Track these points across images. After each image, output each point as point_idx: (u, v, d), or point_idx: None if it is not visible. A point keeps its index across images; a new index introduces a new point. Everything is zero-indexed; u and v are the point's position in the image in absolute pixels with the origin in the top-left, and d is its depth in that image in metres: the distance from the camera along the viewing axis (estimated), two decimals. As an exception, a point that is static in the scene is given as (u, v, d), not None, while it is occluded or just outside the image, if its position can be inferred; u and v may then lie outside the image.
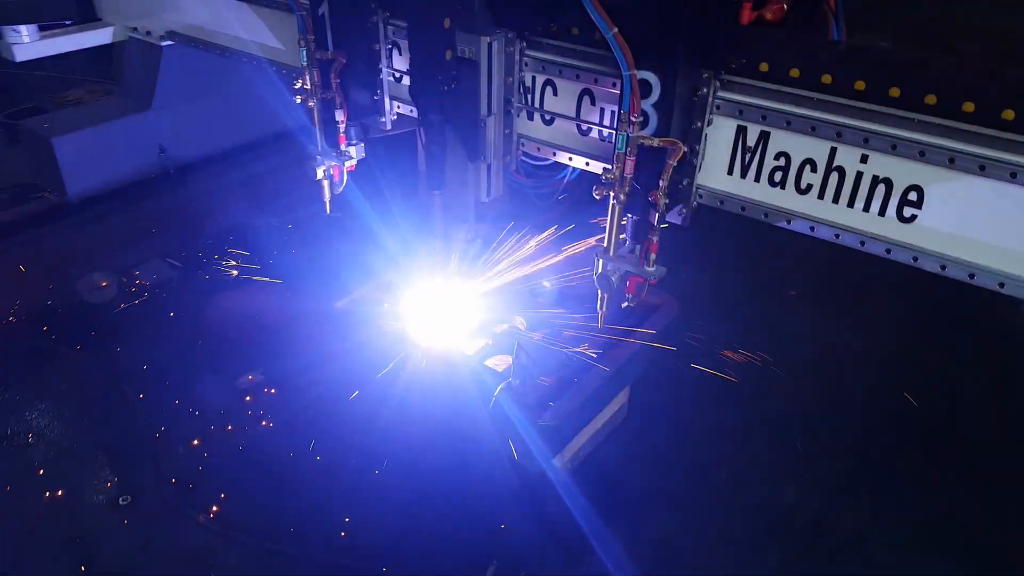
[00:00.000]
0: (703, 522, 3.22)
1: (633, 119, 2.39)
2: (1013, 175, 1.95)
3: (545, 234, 3.60)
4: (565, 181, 3.43)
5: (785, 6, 2.67)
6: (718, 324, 4.02)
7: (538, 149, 3.01)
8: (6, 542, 3.17)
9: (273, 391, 3.83)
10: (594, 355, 3.20)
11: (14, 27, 4.50)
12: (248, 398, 3.80)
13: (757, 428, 3.63)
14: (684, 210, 2.68)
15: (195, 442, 3.60)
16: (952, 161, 2.03)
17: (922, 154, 2.07)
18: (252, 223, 4.76)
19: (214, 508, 3.27)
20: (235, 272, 4.44)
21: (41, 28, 4.60)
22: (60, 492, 3.38)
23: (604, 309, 2.86)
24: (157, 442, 3.58)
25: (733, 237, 4.28)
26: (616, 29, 2.25)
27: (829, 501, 3.30)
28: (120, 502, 3.31)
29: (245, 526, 3.18)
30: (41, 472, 3.45)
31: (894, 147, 2.12)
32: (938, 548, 3.10)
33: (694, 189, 2.63)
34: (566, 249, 3.51)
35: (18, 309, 4.35)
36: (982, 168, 1.99)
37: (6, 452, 3.56)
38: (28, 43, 4.57)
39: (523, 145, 3.07)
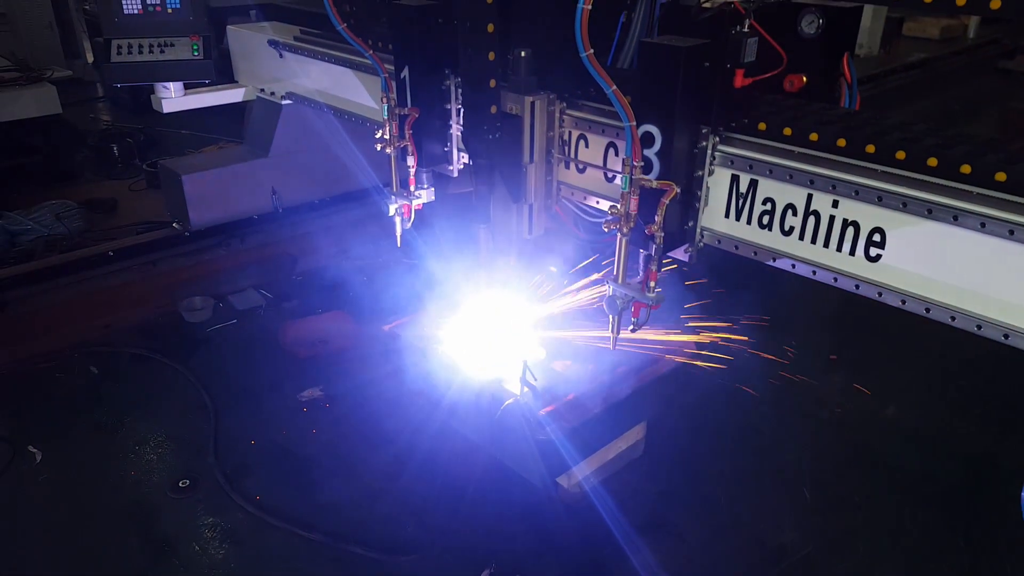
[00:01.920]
0: (700, 552, 3.37)
1: (635, 163, 2.71)
2: (955, 218, 2.17)
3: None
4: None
5: (804, 78, 3.00)
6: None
7: (572, 194, 3.37)
8: (83, 505, 3.66)
9: (327, 405, 4.25)
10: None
11: (164, 84, 5.29)
12: (305, 409, 4.22)
13: (770, 475, 3.77)
14: (690, 249, 2.97)
15: (252, 442, 4.03)
16: (904, 205, 2.27)
17: (880, 199, 2.32)
18: (335, 264, 5.36)
19: (257, 497, 3.66)
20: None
21: (186, 86, 5.38)
22: (133, 472, 3.86)
23: (615, 332, 3.15)
24: (220, 439, 4.03)
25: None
26: (615, 87, 2.54)
27: (825, 546, 3.39)
28: (180, 484, 3.75)
29: (280, 513, 3.55)
30: (121, 455, 3.97)
31: (856, 193, 2.38)
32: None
33: (699, 230, 2.92)
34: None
35: (127, 320, 5.01)
36: (929, 212, 2.23)
37: (94, 437, 4.09)
38: (174, 98, 5.35)
39: (562, 191, 3.44)
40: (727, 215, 2.84)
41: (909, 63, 10.76)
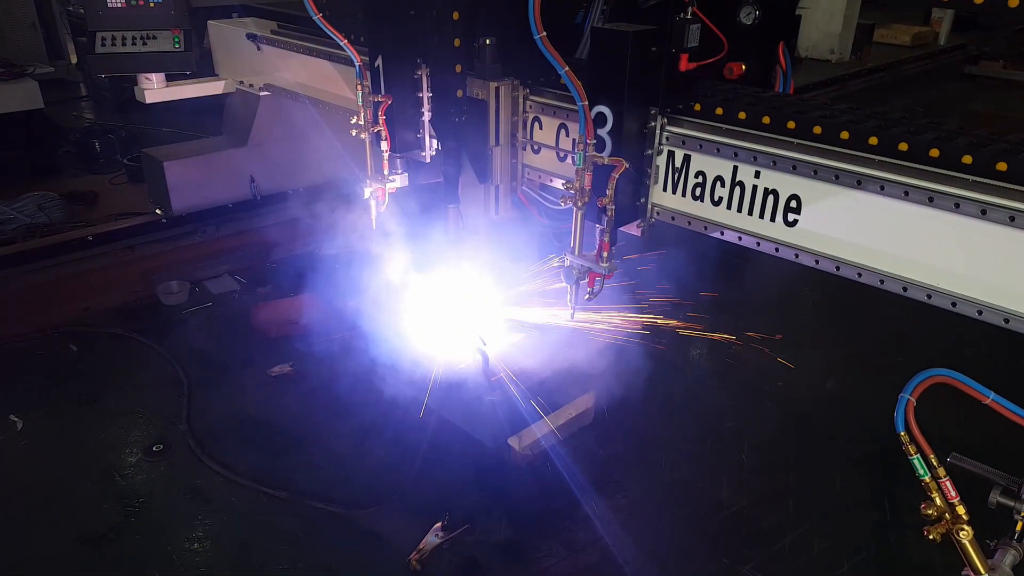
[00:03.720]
0: (641, 506, 3.60)
1: (588, 141, 2.93)
2: (859, 183, 2.41)
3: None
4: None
5: (743, 66, 3.24)
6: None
7: (537, 177, 3.58)
8: (61, 468, 3.82)
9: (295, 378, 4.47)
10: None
11: (147, 75, 5.47)
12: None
13: (712, 442, 4.00)
14: (642, 223, 3.19)
15: (224, 411, 4.21)
16: (816, 172, 2.51)
17: (794, 167, 2.56)
18: (308, 251, 5.58)
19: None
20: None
21: (168, 78, 5.57)
22: (108, 438, 4.03)
23: (573, 301, 3.37)
24: (192, 408, 4.21)
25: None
26: (568, 68, 2.75)
27: (757, 503, 3.62)
28: (154, 449, 3.92)
29: (247, 474, 3.73)
30: (97, 424, 4.13)
31: (774, 163, 2.62)
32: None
33: (650, 206, 3.14)
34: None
35: (106, 302, 5.17)
36: (836, 178, 2.47)
37: (72, 408, 4.25)
38: (156, 89, 5.53)
39: (527, 172, 3.66)
40: (664, 189, 3.07)
41: (874, 67, 11.05)
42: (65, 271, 5.08)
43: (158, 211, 5.57)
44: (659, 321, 4.07)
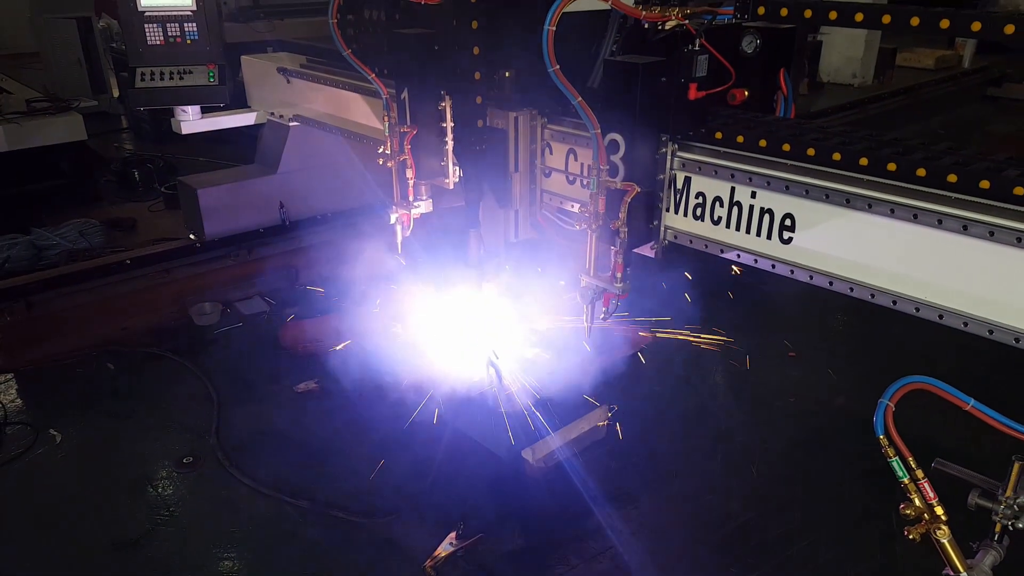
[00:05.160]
0: (651, 516, 3.71)
1: (601, 167, 3.08)
2: (848, 201, 2.55)
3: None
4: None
5: (746, 92, 3.38)
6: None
7: (553, 201, 3.73)
8: (96, 479, 4.03)
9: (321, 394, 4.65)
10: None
11: (183, 108, 5.75)
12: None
13: (723, 456, 4.11)
14: (655, 246, 3.32)
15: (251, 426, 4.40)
16: (807, 192, 2.66)
17: (787, 188, 2.71)
18: (334, 274, 5.74)
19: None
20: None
21: (203, 110, 5.84)
22: (138, 449, 4.25)
23: (588, 320, 3.51)
24: (221, 423, 4.40)
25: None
26: (580, 99, 2.89)
27: (765, 514, 3.73)
28: (184, 461, 4.10)
29: (272, 484, 3.91)
30: (132, 437, 4.35)
31: (768, 183, 2.77)
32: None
33: (663, 228, 3.27)
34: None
35: (142, 322, 5.41)
36: (827, 196, 2.61)
37: (108, 423, 4.47)
38: (192, 120, 5.80)
39: (544, 197, 3.81)
40: (667, 209, 3.21)
41: (894, 90, 11.09)
42: (104, 293, 5.33)
43: (192, 236, 5.82)
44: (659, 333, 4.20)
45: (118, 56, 10.89)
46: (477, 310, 4.05)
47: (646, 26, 3.11)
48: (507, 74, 3.57)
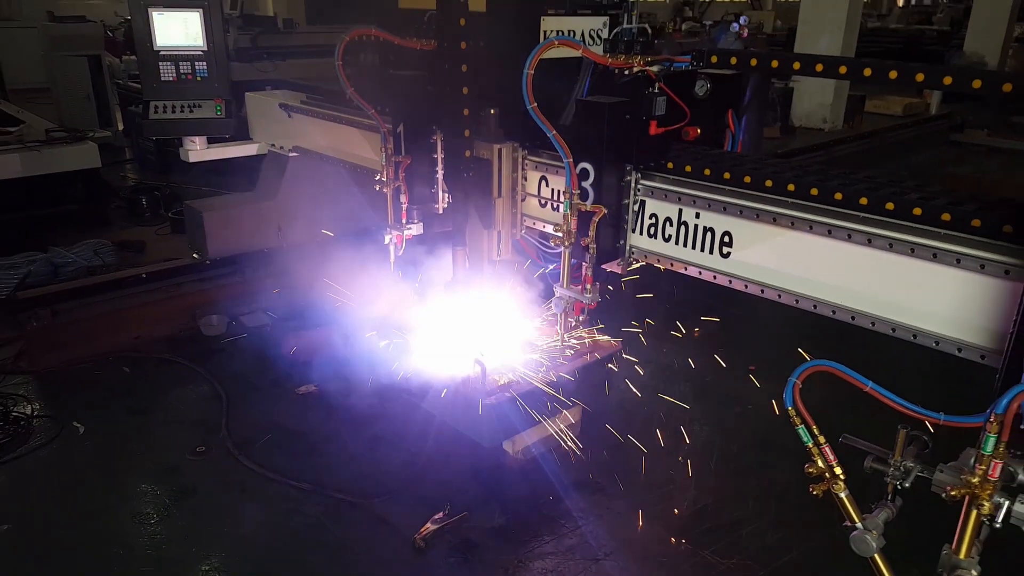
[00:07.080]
0: (615, 500, 4.19)
1: (573, 192, 3.58)
2: (774, 220, 3.06)
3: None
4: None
5: (699, 130, 3.89)
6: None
7: (533, 223, 4.21)
8: (116, 464, 4.47)
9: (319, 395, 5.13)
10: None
11: (192, 138, 6.27)
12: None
13: (685, 451, 4.55)
14: (622, 262, 3.78)
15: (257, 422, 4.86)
16: (741, 212, 3.16)
17: (724, 209, 3.22)
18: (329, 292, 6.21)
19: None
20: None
21: (209, 141, 6.37)
22: (154, 440, 4.69)
23: (561, 327, 4.01)
24: (230, 418, 4.86)
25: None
26: (555, 131, 3.41)
27: (720, 501, 4.19)
28: (197, 450, 4.55)
29: (278, 470, 4.36)
30: (149, 430, 4.80)
31: (709, 205, 3.28)
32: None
33: (628, 247, 3.73)
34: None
35: (155, 332, 5.89)
36: (757, 216, 3.11)
37: (126, 417, 4.92)
38: (199, 150, 6.33)
39: (525, 220, 4.29)
40: (632, 230, 3.70)
41: (862, 133, 11.75)
42: (120, 304, 5.80)
43: (195, 256, 6.31)
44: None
45: (123, 92, 11.48)
46: (461, 316, 4.49)
47: (614, 71, 3.60)
48: (492, 111, 4.05)
